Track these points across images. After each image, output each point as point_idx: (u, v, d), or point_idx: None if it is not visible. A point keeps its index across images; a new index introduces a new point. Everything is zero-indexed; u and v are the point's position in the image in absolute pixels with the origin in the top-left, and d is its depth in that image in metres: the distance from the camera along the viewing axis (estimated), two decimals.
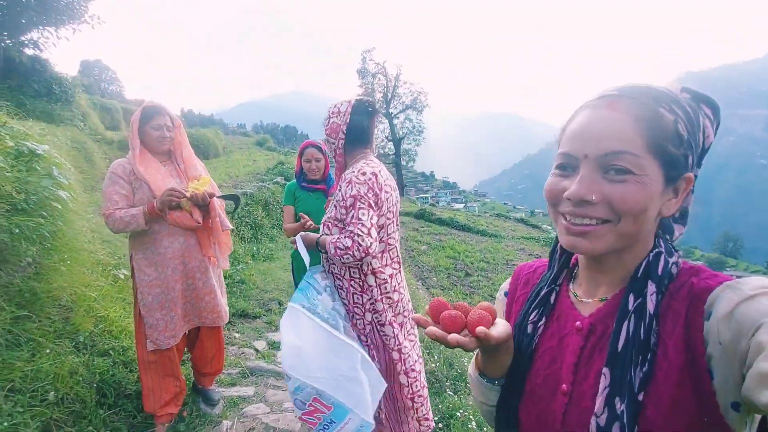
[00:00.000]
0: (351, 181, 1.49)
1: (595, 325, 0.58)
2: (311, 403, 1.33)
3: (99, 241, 3.13)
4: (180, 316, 2.02)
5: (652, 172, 0.51)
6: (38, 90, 8.99)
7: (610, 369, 0.51)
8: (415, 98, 28.59)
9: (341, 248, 1.41)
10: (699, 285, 0.51)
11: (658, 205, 0.53)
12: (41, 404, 1.70)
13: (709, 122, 0.55)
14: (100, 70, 33.48)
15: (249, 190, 6.80)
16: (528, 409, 0.62)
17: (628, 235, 0.53)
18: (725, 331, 0.45)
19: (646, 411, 0.49)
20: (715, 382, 0.47)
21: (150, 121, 1.93)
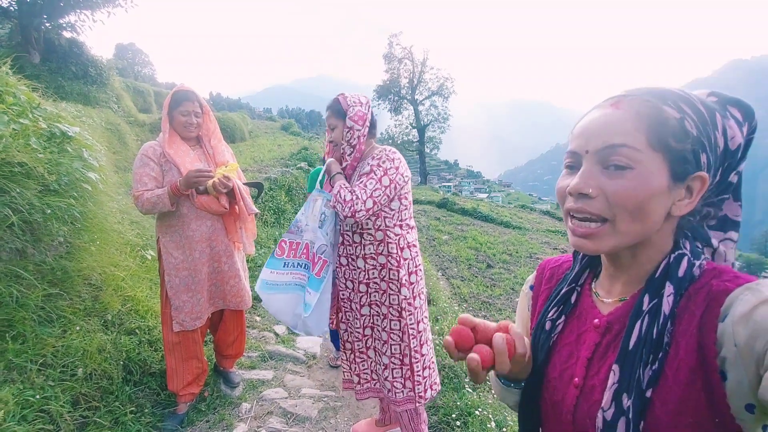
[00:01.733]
0: (381, 158, 1.57)
1: (612, 323, 0.58)
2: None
3: (128, 222, 3.21)
4: (206, 298, 2.05)
5: (654, 166, 0.50)
6: (75, 72, 9.29)
7: (620, 366, 0.52)
8: (442, 84, 28.05)
9: (339, 198, 1.50)
10: (718, 287, 0.50)
11: (664, 202, 0.52)
12: (71, 379, 1.77)
13: (735, 123, 0.53)
14: (133, 53, 34.37)
15: (273, 174, 6.85)
16: (545, 400, 0.64)
17: (630, 233, 0.53)
18: (741, 333, 0.44)
19: (654, 408, 0.49)
20: (729, 383, 0.46)
21: (179, 107, 1.94)
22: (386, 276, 1.61)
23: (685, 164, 0.51)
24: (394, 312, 1.61)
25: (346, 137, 1.60)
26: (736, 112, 0.54)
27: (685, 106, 0.51)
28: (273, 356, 2.80)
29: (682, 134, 0.50)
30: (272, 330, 3.21)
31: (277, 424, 2.11)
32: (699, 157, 0.52)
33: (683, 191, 0.53)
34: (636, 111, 0.51)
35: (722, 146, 0.53)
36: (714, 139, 0.52)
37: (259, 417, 2.16)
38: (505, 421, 2.03)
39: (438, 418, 2.08)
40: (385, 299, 1.62)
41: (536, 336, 0.67)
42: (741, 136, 0.54)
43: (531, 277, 0.78)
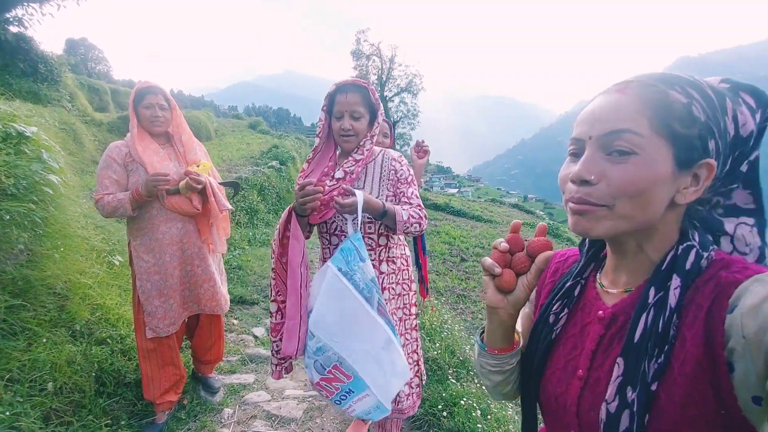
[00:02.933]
0: (401, 162, 1.56)
1: (617, 315, 0.58)
2: (331, 369, 1.28)
3: (92, 227, 3.05)
4: (178, 303, 1.98)
5: (658, 153, 0.49)
6: (24, 69, 8.65)
7: (625, 359, 0.51)
8: (411, 81, 28.22)
9: (415, 217, 1.45)
10: (726, 278, 0.49)
11: (669, 189, 0.51)
12: (40, 394, 1.67)
13: (748, 110, 0.52)
14: (86, 48, 32.39)
15: (244, 174, 6.69)
16: (548, 392, 0.64)
17: (628, 218, 0.52)
18: (750, 325, 0.44)
19: (660, 401, 0.49)
20: (736, 375, 0.45)
21: (142, 101, 1.87)
22: (400, 278, 1.59)
23: (691, 151, 0.50)
24: (407, 312, 1.61)
25: (372, 132, 1.51)
26: (749, 98, 0.52)
27: (694, 91, 0.50)
28: (253, 359, 2.75)
29: (689, 119, 0.49)
30: (251, 333, 3.14)
31: (261, 427, 2.07)
32: (707, 143, 0.50)
33: (689, 179, 0.51)
34: (641, 96, 0.50)
35: (732, 133, 0.52)
36: (724, 125, 0.51)
37: (242, 422, 2.12)
38: (489, 409, 2.08)
39: (424, 410, 2.11)
40: (400, 302, 1.60)
41: (538, 329, 0.67)
42: (753, 122, 0.52)
43: None
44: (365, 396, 1.31)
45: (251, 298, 3.69)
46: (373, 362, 1.28)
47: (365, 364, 1.27)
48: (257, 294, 3.80)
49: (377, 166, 1.56)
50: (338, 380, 1.30)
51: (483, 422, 1.95)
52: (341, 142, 1.51)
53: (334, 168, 1.53)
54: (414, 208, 1.49)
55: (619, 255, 0.60)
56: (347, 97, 1.46)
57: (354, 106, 1.45)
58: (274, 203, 7.04)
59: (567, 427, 0.61)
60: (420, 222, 1.47)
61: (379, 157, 1.58)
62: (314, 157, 1.56)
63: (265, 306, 3.62)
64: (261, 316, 3.46)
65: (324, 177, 1.50)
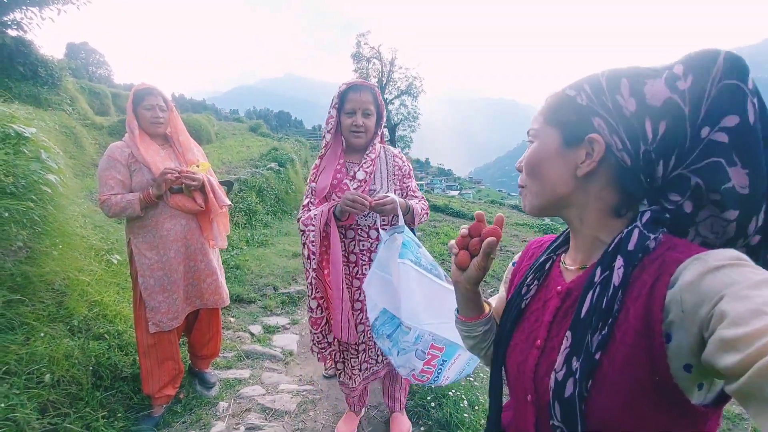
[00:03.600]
0: (402, 158, 1.72)
1: (572, 290, 0.64)
2: (429, 350, 1.39)
3: (91, 227, 3.10)
4: (182, 298, 2.03)
5: (547, 137, 0.63)
6: (24, 73, 8.74)
7: (573, 332, 0.56)
8: (411, 83, 28.29)
9: (424, 208, 1.68)
10: (670, 257, 0.53)
11: (560, 164, 0.61)
12: (37, 386, 1.71)
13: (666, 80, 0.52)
14: (87, 53, 32.64)
15: (243, 176, 6.74)
16: (512, 360, 0.69)
17: (536, 191, 0.65)
18: (688, 299, 0.48)
19: (603, 366, 0.53)
20: (672, 345, 0.49)
21: (142, 102, 1.91)
22: None
23: (573, 130, 0.60)
24: None
25: (379, 131, 1.65)
26: (678, 67, 0.52)
27: (586, 84, 0.59)
28: (249, 355, 2.79)
29: (572, 107, 0.60)
30: (248, 330, 3.18)
31: (255, 420, 2.11)
32: (590, 121, 0.58)
33: (583, 154, 0.59)
34: (546, 102, 0.65)
35: (634, 107, 0.55)
36: (614, 102, 0.56)
37: (237, 414, 2.16)
38: (477, 400, 2.12)
39: (414, 402, 2.15)
40: None
41: (511, 300, 0.73)
42: (670, 90, 0.52)
43: (516, 256, 0.84)
44: (457, 357, 1.42)
45: (248, 296, 3.73)
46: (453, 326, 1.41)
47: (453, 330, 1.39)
48: (254, 293, 3.84)
49: (382, 163, 1.66)
50: (435, 357, 1.42)
51: (470, 413, 1.98)
52: (352, 138, 1.60)
53: (345, 166, 1.64)
54: (420, 201, 1.71)
55: (573, 234, 0.67)
56: (360, 96, 1.55)
57: (366, 104, 1.56)
58: (273, 204, 7.09)
59: (525, 392, 0.66)
60: (427, 212, 1.73)
61: (381, 153, 1.68)
62: (325, 153, 1.65)
63: (261, 305, 3.66)
64: (258, 314, 3.50)
65: (340, 176, 1.61)
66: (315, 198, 1.63)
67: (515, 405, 0.72)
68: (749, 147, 0.50)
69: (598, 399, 0.53)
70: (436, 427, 2.00)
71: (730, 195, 0.51)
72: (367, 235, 1.65)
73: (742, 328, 0.40)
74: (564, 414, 0.55)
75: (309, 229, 1.58)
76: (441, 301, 1.38)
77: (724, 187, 0.51)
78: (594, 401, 0.53)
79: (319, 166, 1.66)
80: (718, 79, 0.50)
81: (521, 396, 0.67)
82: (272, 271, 4.42)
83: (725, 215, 0.53)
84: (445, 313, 1.37)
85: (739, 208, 0.51)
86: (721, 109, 0.50)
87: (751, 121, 0.49)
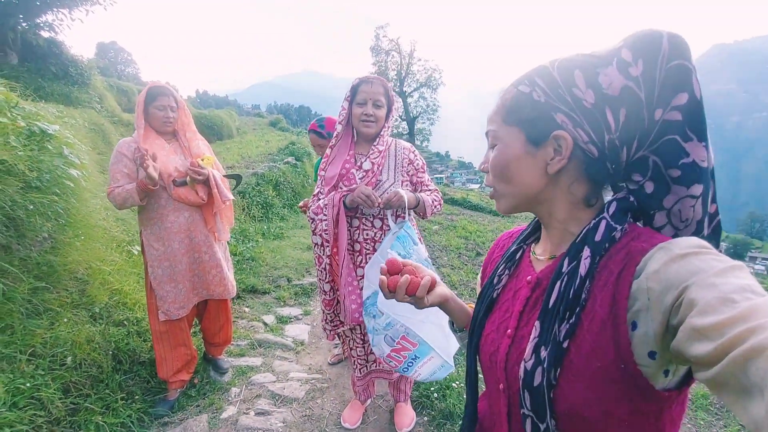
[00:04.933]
0: (414, 152, 1.76)
1: (542, 279, 0.64)
2: (399, 340, 1.44)
3: (113, 219, 3.24)
4: (188, 288, 2.11)
5: (511, 138, 0.62)
6: (56, 73, 9.13)
7: (541, 322, 0.57)
8: (430, 76, 28.00)
9: (437, 200, 1.74)
10: (635, 247, 0.53)
11: (530, 163, 0.61)
12: (60, 368, 1.83)
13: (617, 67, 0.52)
14: (115, 52, 33.73)
15: (260, 170, 6.88)
16: (484, 350, 0.70)
17: (507, 193, 0.65)
18: (654, 288, 0.48)
19: (570, 354, 0.54)
20: (637, 333, 0.50)
21: (154, 102, 1.97)
22: None
23: (536, 128, 0.59)
24: None
25: (388, 124, 1.69)
26: (626, 52, 0.52)
27: (538, 79, 0.58)
28: (262, 344, 2.88)
29: (530, 105, 0.59)
30: (261, 320, 3.27)
31: (265, 405, 2.19)
32: (551, 118, 0.57)
33: (551, 151, 0.59)
34: (500, 100, 0.64)
35: (593, 99, 0.55)
36: (572, 96, 0.56)
37: (247, 400, 2.24)
38: None
39: (419, 393, 2.18)
40: None
41: (483, 290, 0.74)
42: (623, 78, 0.52)
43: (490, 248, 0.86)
44: (430, 359, 1.45)
45: (263, 287, 3.83)
46: (435, 328, 1.43)
47: (428, 331, 1.42)
48: (269, 284, 3.94)
49: (391, 156, 1.71)
50: (406, 349, 1.46)
51: None
52: (362, 127, 1.66)
53: (354, 156, 1.69)
54: (433, 193, 1.76)
55: (544, 226, 0.68)
56: (372, 87, 1.63)
57: (377, 95, 1.63)
58: (289, 198, 7.21)
59: (497, 381, 0.67)
60: (441, 203, 1.79)
61: (392, 146, 1.72)
62: (336, 143, 1.71)
63: (275, 296, 3.75)
64: (272, 304, 3.59)
65: (348, 165, 1.67)
66: (325, 187, 1.68)
67: (489, 394, 0.73)
68: (700, 121, 0.52)
69: (566, 387, 0.54)
70: (440, 417, 2.02)
71: (692, 169, 0.53)
72: (372, 225, 1.69)
73: (713, 317, 0.40)
74: (533, 402, 0.56)
75: (320, 218, 1.65)
76: None
77: (682, 162, 0.53)
78: (562, 389, 0.54)
79: (330, 156, 1.71)
80: (666, 62, 0.51)
81: (493, 385, 0.69)
82: (287, 263, 4.51)
83: (691, 191, 0.53)
84: (423, 312, 1.36)
85: (703, 182, 0.53)
86: (672, 89, 0.51)
87: (697, 96, 0.51)
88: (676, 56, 0.50)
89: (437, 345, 1.41)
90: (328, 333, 1.87)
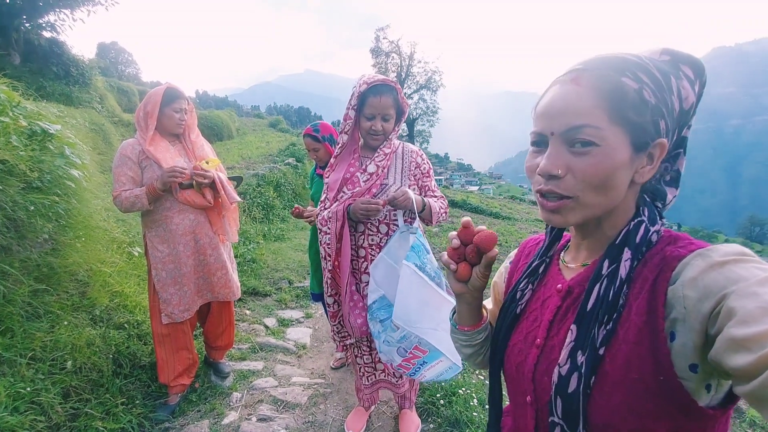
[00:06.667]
0: (422, 156, 1.70)
1: (573, 287, 0.62)
2: (412, 350, 1.42)
3: (114, 220, 3.21)
4: (193, 291, 2.09)
5: (616, 141, 0.52)
6: (57, 73, 9.14)
7: (578, 326, 0.55)
8: (430, 78, 28.06)
9: (443, 207, 1.68)
10: (671, 253, 0.52)
11: (628, 172, 0.54)
12: (60, 372, 1.80)
13: (688, 83, 0.54)
14: (116, 52, 33.70)
15: (260, 171, 6.85)
16: (510, 361, 0.68)
17: (595, 206, 0.55)
18: (691, 296, 0.47)
19: (605, 364, 0.52)
20: (676, 344, 0.48)
21: (172, 104, 1.95)
22: None
23: (645, 134, 0.52)
24: None
25: (397, 128, 1.64)
26: (688, 70, 0.53)
27: (644, 75, 0.52)
28: (263, 347, 2.85)
29: (642, 105, 0.51)
30: (262, 323, 3.24)
31: (267, 411, 2.16)
32: (658, 124, 0.53)
33: (645, 159, 0.54)
34: (596, 87, 0.52)
35: (677, 109, 0.54)
36: (671, 103, 0.53)
37: (249, 405, 2.21)
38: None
39: (424, 399, 2.14)
40: None
41: (506, 305, 0.71)
42: (693, 94, 0.54)
43: (512, 254, 0.82)
44: (438, 362, 1.44)
45: (264, 290, 3.80)
46: (446, 334, 1.42)
47: (440, 338, 1.41)
48: (270, 286, 3.91)
49: (398, 159, 1.67)
50: (416, 357, 1.44)
51: (480, 411, 1.97)
52: (369, 140, 1.62)
53: (359, 159, 1.65)
54: (439, 200, 1.70)
55: (582, 234, 0.64)
56: (381, 101, 1.51)
57: (386, 109, 1.53)
58: (290, 199, 7.19)
59: (524, 393, 0.65)
60: (446, 211, 1.72)
61: (399, 149, 1.68)
62: (341, 153, 1.66)
63: (276, 298, 3.73)
64: (273, 307, 3.56)
65: (353, 169, 1.62)
66: (330, 193, 1.65)
67: (514, 409, 0.71)
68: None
69: (600, 398, 0.52)
70: (446, 425, 1.99)
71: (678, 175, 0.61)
72: (377, 230, 1.65)
73: (754, 327, 0.39)
74: (566, 410, 0.54)
75: (325, 231, 1.63)
76: (436, 308, 1.39)
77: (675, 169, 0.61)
78: (595, 401, 0.52)
79: (333, 165, 1.68)
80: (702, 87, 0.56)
81: (520, 398, 0.66)
82: (288, 265, 4.49)
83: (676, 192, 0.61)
84: (437, 321, 1.38)
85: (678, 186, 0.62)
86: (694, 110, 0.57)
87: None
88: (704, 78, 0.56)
89: (447, 349, 1.40)
90: (337, 344, 1.85)
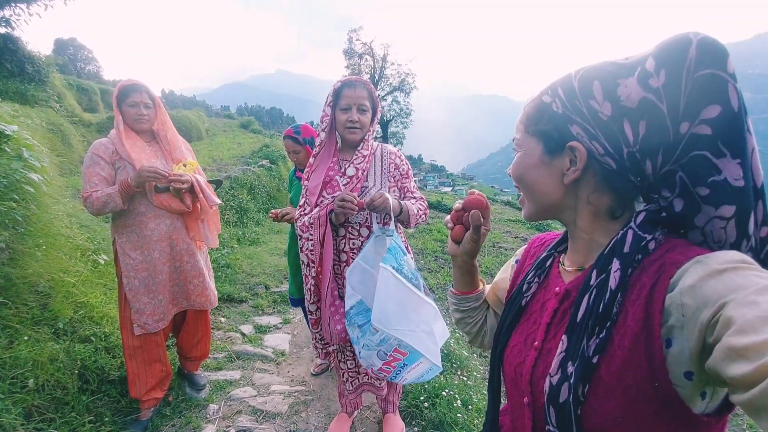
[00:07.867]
0: (400, 156, 1.70)
1: (570, 291, 0.63)
2: (392, 353, 1.41)
3: (77, 226, 3.03)
4: (168, 299, 1.99)
5: (531, 147, 0.64)
6: (11, 70, 8.55)
7: (568, 336, 0.55)
8: (403, 80, 28.21)
9: (422, 209, 1.66)
10: (670, 259, 0.51)
11: (545, 173, 0.62)
12: (21, 391, 1.68)
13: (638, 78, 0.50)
14: (75, 49, 32.02)
15: (234, 173, 6.67)
16: (510, 362, 0.69)
17: (532, 200, 0.66)
18: (689, 303, 0.46)
19: (600, 370, 0.52)
20: (672, 351, 0.48)
21: (126, 99, 1.87)
22: None
23: (552, 139, 0.60)
24: None
25: (373, 128, 1.63)
26: (650, 62, 0.49)
27: (560, 89, 0.58)
28: (240, 356, 2.76)
29: (548, 116, 0.60)
30: (238, 330, 3.15)
31: (246, 422, 2.09)
32: (567, 130, 0.58)
33: (567, 161, 0.59)
34: (526, 107, 0.65)
35: (609, 111, 0.53)
36: (589, 107, 0.55)
37: (227, 417, 2.13)
38: (470, 399, 2.12)
39: (408, 402, 2.14)
40: None
41: (512, 297, 0.73)
42: (643, 89, 0.50)
43: (520, 251, 0.84)
44: (418, 364, 1.43)
45: (239, 296, 3.69)
46: (425, 335, 1.42)
47: (420, 340, 1.40)
48: (245, 292, 3.80)
49: (377, 161, 1.65)
50: (396, 360, 1.43)
51: (464, 412, 1.98)
52: (347, 134, 1.59)
53: (338, 163, 1.62)
54: (419, 202, 1.69)
55: (570, 236, 0.67)
56: (356, 91, 1.55)
57: (361, 100, 1.56)
58: (264, 202, 7.03)
59: (522, 394, 0.65)
60: (426, 212, 1.69)
61: (378, 151, 1.66)
62: (319, 152, 1.63)
63: (253, 304, 3.63)
64: (249, 314, 3.47)
65: (332, 173, 1.59)
66: (310, 197, 1.61)
67: (512, 409, 0.71)
68: (736, 136, 0.47)
69: (595, 404, 0.52)
70: (430, 427, 1.99)
71: (722, 188, 0.48)
72: (358, 233, 1.64)
73: (752, 337, 0.38)
74: (559, 419, 0.54)
75: (306, 237, 1.59)
76: (414, 310, 1.40)
77: (711, 180, 0.49)
78: (591, 407, 0.52)
79: (313, 165, 1.64)
80: (692, 71, 0.47)
81: (518, 399, 0.66)
82: (264, 269, 4.38)
83: (720, 212, 0.49)
84: (415, 322, 1.39)
85: (735, 203, 0.48)
86: (700, 101, 0.47)
87: (734, 108, 0.46)
88: (706, 65, 0.46)
89: (426, 350, 1.41)
90: (319, 352, 1.81)
